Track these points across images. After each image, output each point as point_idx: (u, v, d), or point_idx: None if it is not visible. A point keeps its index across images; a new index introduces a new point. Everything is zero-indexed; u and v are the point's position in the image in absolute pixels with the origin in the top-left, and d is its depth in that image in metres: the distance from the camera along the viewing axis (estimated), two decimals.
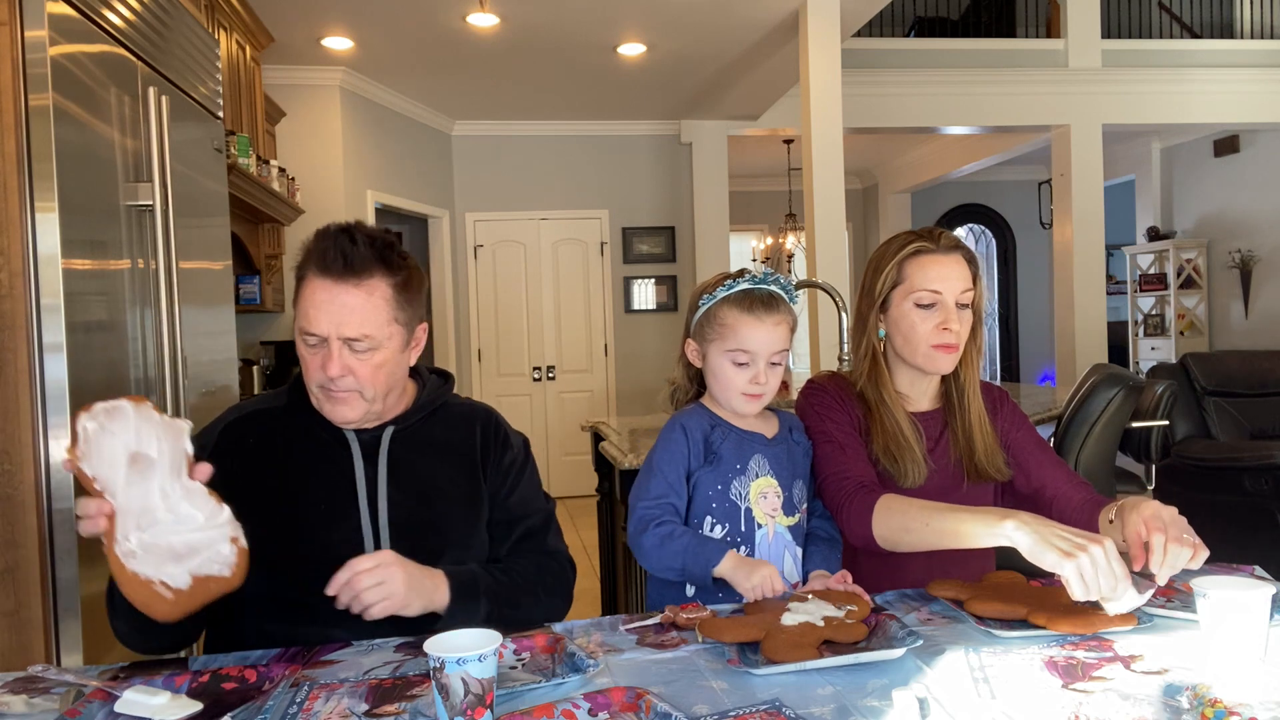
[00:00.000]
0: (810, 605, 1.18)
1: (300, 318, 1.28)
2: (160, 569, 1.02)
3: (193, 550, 1.04)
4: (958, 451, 1.55)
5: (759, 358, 1.43)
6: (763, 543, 1.45)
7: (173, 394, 2.12)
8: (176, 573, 1.03)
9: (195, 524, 1.05)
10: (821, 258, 4.53)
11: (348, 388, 1.29)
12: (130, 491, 1.02)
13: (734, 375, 1.44)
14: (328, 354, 1.26)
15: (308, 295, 1.27)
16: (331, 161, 5.27)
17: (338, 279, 1.25)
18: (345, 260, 1.25)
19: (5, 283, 1.69)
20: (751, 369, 1.43)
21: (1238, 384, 4.45)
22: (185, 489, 1.06)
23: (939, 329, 1.49)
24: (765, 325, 1.42)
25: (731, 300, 1.44)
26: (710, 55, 5.22)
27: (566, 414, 6.84)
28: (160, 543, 1.03)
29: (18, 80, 1.68)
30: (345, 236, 1.27)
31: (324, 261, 1.26)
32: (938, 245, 1.51)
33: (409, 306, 1.33)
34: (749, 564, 1.36)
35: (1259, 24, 7.27)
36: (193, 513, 1.05)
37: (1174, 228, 8.12)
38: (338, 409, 1.31)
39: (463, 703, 0.90)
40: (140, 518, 1.02)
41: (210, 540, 1.06)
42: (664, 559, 1.40)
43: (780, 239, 8.52)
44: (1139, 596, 1.14)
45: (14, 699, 1.04)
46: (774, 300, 1.45)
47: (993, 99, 6.38)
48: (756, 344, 1.42)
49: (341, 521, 1.31)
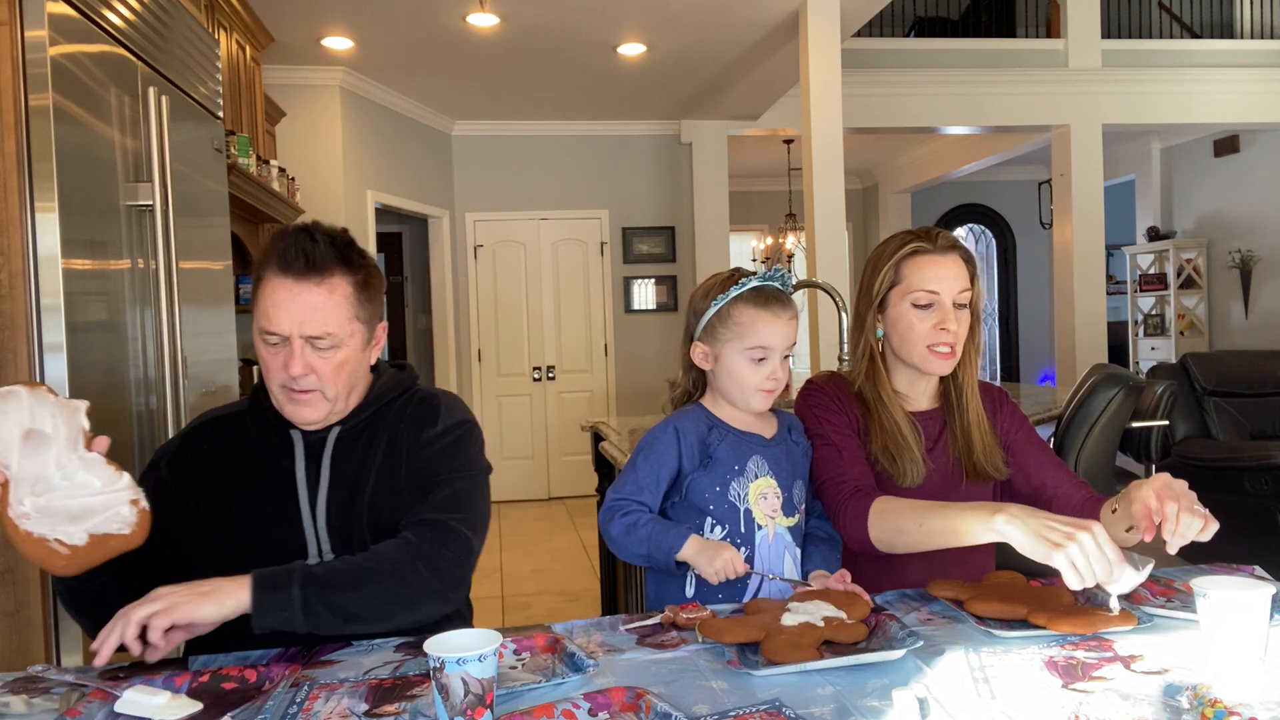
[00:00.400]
0: (810, 605, 1.18)
1: (261, 317, 1.28)
2: (55, 529, 1.11)
3: (89, 512, 1.13)
4: (956, 451, 1.56)
5: (775, 352, 1.45)
6: (763, 543, 1.45)
7: (173, 394, 2.12)
8: (73, 531, 1.12)
9: (92, 489, 1.13)
10: (821, 258, 4.53)
11: (310, 386, 1.29)
12: (24, 463, 1.11)
13: (751, 373, 1.45)
14: (290, 353, 1.27)
15: (268, 295, 1.27)
16: (331, 161, 5.27)
17: (299, 277, 1.26)
18: (307, 259, 1.26)
19: (5, 283, 1.69)
20: (769, 365, 1.45)
21: (1238, 384, 4.45)
22: (83, 460, 1.14)
23: (936, 329, 1.49)
24: (781, 320, 1.45)
25: (745, 298, 1.45)
26: (710, 55, 5.22)
27: (566, 414, 6.85)
28: (55, 506, 1.11)
29: (18, 80, 1.68)
30: (305, 235, 1.28)
31: (285, 260, 1.26)
32: (934, 245, 1.52)
33: (369, 305, 1.34)
34: (711, 548, 1.37)
35: (1259, 24, 7.27)
36: (89, 479, 1.13)
37: (1174, 228, 8.12)
38: (299, 409, 1.31)
39: (463, 703, 0.90)
40: (35, 485, 1.11)
41: (108, 503, 1.14)
42: (630, 546, 1.42)
43: (780, 239, 8.53)
44: (1137, 575, 1.14)
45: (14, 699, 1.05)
46: (784, 295, 1.48)
47: (993, 99, 6.38)
48: (775, 339, 1.44)
49: (284, 523, 1.31)
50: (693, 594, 1.45)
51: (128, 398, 1.99)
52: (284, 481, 1.34)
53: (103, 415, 1.87)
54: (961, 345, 1.52)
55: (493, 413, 6.79)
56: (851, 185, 9.49)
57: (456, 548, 1.28)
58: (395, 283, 7.76)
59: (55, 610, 1.72)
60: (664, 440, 1.46)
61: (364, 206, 5.53)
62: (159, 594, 1.12)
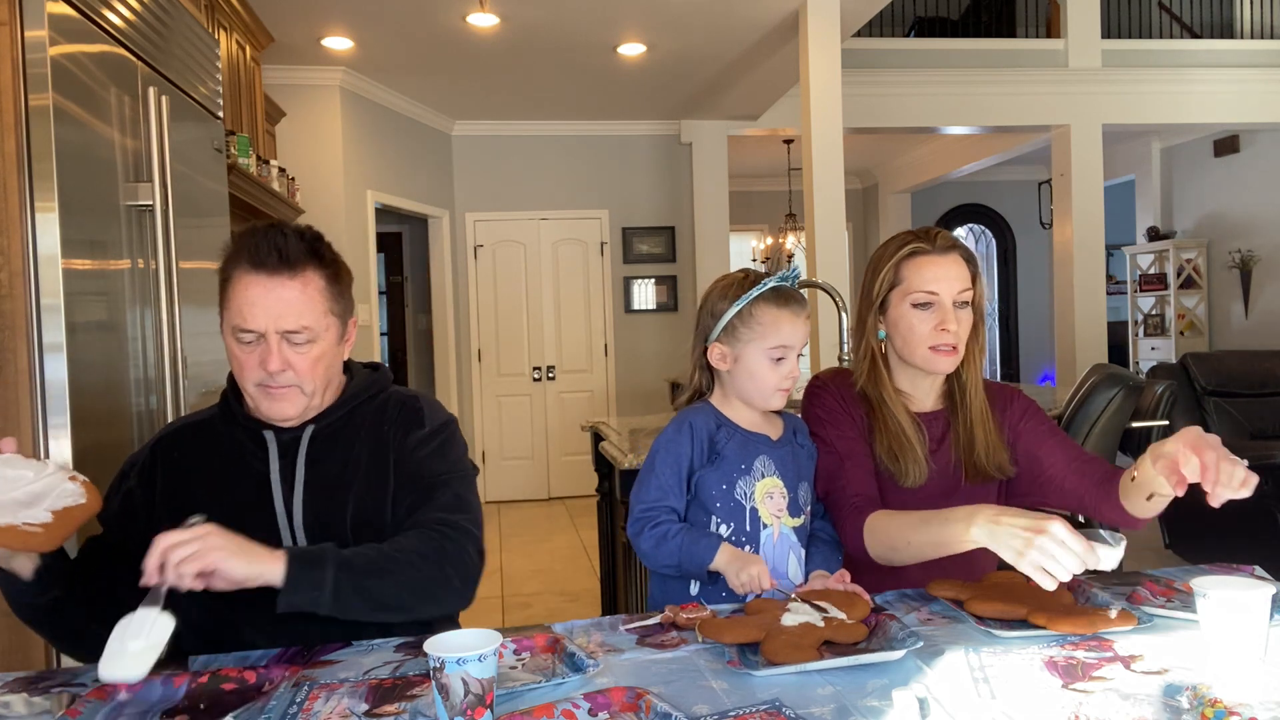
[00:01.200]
0: (810, 605, 1.18)
1: (234, 316, 1.28)
2: (17, 516, 1.12)
3: (38, 497, 1.14)
4: (959, 451, 1.55)
5: (793, 351, 1.46)
6: (768, 543, 1.46)
7: (173, 394, 2.12)
8: (35, 513, 1.13)
9: (27, 480, 1.15)
10: (821, 258, 4.53)
11: (287, 383, 1.29)
12: None
13: (770, 372, 1.46)
14: (266, 349, 1.27)
15: (240, 292, 1.27)
16: (331, 161, 5.27)
17: (272, 273, 1.27)
18: (280, 254, 1.27)
19: (5, 283, 1.69)
20: (787, 363, 1.46)
21: (1238, 384, 4.45)
22: (2, 461, 1.16)
23: (937, 329, 1.49)
24: (800, 319, 1.46)
25: (766, 299, 1.45)
26: (710, 55, 5.22)
27: (566, 414, 6.85)
28: (4, 499, 1.12)
29: (18, 80, 1.68)
30: (275, 232, 1.29)
31: (257, 257, 1.27)
32: (934, 246, 1.52)
33: (341, 299, 1.35)
34: (741, 559, 1.37)
35: (1259, 24, 7.27)
36: (21, 472, 1.15)
37: (1174, 228, 8.12)
38: (276, 405, 1.31)
39: (463, 703, 0.90)
40: None
41: (50, 485, 1.16)
42: (660, 558, 1.42)
43: (780, 239, 8.52)
44: (1114, 550, 1.14)
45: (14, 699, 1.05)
46: (799, 294, 1.49)
47: (993, 99, 6.38)
48: (795, 338, 1.46)
49: (258, 525, 1.29)
50: (697, 592, 1.45)
51: (128, 398, 1.99)
52: (257, 483, 1.33)
53: (103, 415, 1.87)
54: (964, 344, 1.52)
55: (493, 413, 6.79)
56: (851, 185, 9.49)
57: (472, 547, 1.29)
58: (395, 283, 7.76)
59: None
60: (679, 437, 1.47)
61: (364, 206, 5.53)
62: (205, 531, 1.11)
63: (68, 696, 1.05)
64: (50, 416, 1.72)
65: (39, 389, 1.71)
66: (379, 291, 6.62)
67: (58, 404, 1.72)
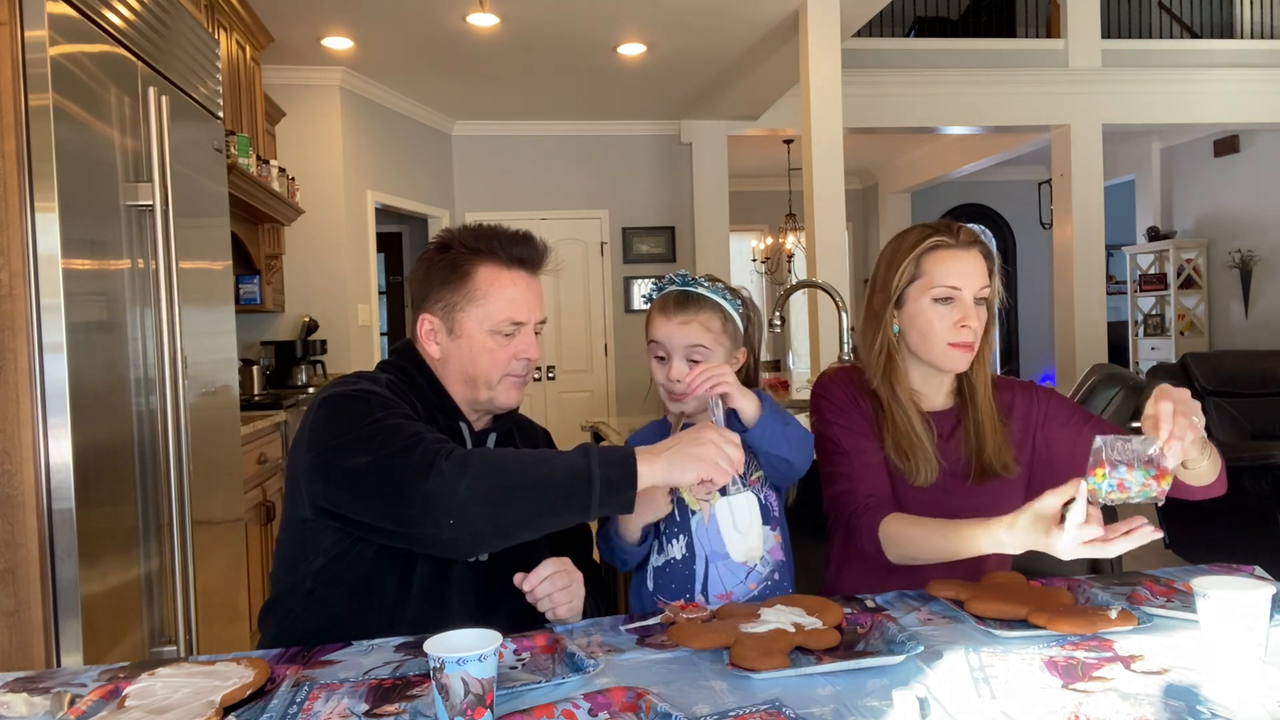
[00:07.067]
0: (781, 611, 1.17)
1: (506, 308, 1.37)
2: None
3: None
4: (969, 449, 1.54)
5: (678, 353, 1.50)
6: (699, 529, 1.44)
7: (172, 394, 2.12)
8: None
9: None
10: (821, 258, 4.53)
11: (530, 369, 1.43)
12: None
13: (657, 371, 1.57)
14: (527, 338, 1.40)
15: (501, 288, 1.37)
16: (331, 161, 5.27)
17: (531, 270, 1.41)
18: (532, 251, 1.40)
19: (5, 283, 1.69)
20: (669, 364, 1.51)
21: (1238, 384, 4.45)
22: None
23: (957, 326, 1.46)
24: (673, 322, 1.50)
25: (655, 305, 1.55)
26: (710, 55, 5.22)
27: (566, 414, 6.84)
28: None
29: (18, 80, 1.68)
30: (512, 232, 1.41)
31: (513, 255, 1.38)
32: (957, 240, 1.49)
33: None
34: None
35: (1259, 24, 7.27)
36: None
37: (1174, 228, 8.13)
38: (514, 393, 1.42)
39: (463, 703, 0.90)
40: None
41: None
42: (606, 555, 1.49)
43: (780, 239, 8.53)
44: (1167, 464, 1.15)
45: (14, 699, 1.04)
46: (687, 299, 1.51)
47: (993, 99, 6.38)
48: (667, 337, 1.52)
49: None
50: (652, 588, 1.46)
51: (128, 398, 1.99)
52: None
53: (103, 415, 1.87)
54: (979, 342, 1.51)
55: None
56: (851, 185, 9.49)
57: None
58: (395, 283, 7.76)
59: (55, 610, 1.72)
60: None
61: (364, 206, 5.53)
62: (575, 588, 1.27)
63: (69, 696, 1.05)
64: (50, 416, 1.72)
65: (39, 389, 1.71)
66: (379, 291, 6.62)
67: (58, 404, 1.72)
